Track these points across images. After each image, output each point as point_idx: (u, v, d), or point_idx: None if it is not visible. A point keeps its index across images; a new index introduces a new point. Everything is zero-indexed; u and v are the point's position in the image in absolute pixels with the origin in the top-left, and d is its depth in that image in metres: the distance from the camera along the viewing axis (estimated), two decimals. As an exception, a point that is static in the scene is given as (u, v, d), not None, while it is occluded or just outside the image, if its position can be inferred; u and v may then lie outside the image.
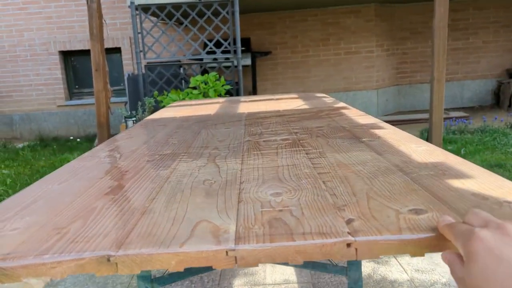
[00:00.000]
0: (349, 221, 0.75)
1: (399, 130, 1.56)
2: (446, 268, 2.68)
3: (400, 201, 0.83)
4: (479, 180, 0.93)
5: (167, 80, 5.94)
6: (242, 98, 3.32)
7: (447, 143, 5.88)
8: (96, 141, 3.97)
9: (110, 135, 3.97)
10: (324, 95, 3.11)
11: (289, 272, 2.80)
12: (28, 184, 4.58)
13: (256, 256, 0.68)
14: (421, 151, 1.22)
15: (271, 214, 0.80)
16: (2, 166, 5.33)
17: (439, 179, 0.95)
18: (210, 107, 2.81)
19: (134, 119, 5.63)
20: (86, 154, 1.48)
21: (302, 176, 1.04)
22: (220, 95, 5.49)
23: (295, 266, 2.76)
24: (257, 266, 0.69)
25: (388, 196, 0.86)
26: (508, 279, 0.49)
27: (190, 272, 1.70)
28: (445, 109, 7.85)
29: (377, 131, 1.56)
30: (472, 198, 0.82)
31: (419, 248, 0.68)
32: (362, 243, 0.68)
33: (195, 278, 2.79)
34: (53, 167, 5.23)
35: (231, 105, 2.83)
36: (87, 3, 3.64)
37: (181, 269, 0.68)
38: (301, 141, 1.47)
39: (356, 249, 0.68)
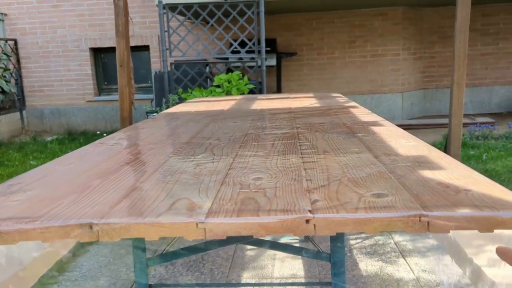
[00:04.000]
0: (314, 202, 0.81)
1: (397, 128, 1.61)
2: (453, 269, 2.68)
3: (368, 187, 0.89)
4: (449, 171, 0.97)
5: (192, 78, 6.08)
6: (259, 96, 3.40)
7: (470, 148, 5.79)
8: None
9: (132, 129, 4.13)
10: (339, 95, 3.16)
11: (298, 267, 2.86)
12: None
13: (223, 228, 0.75)
14: (408, 146, 1.27)
15: (246, 194, 0.88)
16: (31, 157, 5.58)
17: (413, 169, 1.01)
18: (225, 103, 2.90)
19: (155, 114, 5.78)
20: (97, 141, 1.59)
21: (287, 165, 1.11)
22: (243, 94, 5.59)
23: (274, 249, 2.82)
24: (225, 238, 0.76)
25: (358, 183, 0.92)
26: None
27: (183, 252, 1.78)
28: (471, 115, 7.72)
29: (375, 128, 1.61)
30: (435, 186, 0.87)
31: (372, 227, 0.74)
32: (319, 220, 0.75)
33: (206, 269, 2.88)
34: (80, 159, 5.43)
35: (246, 102, 2.91)
36: (114, 1, 3.80)
37: (156, 238, 0.76)
38: (299, 135, 1.53)
39: (314, 225, 0.75)
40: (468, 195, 0.82)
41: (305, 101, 2.81)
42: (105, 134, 7.16)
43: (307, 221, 0.75)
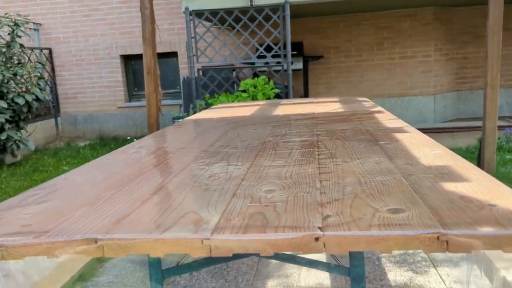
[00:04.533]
0: (326, 217, 0.78)
1: (422, 135, 1.54)
2: (484, 282, 2.57)
3: (384, 201, 0.84)
4: (474, 184, 0.92)
5: (219, 84, 6.10)
6: (283, 101, 3.36)
7: (506, 152, 5.57)
8: (146, 141, 4.17)
9: (159, 136, 4.17)
10: (365, 99, 3.09)
11: (323, 276, 2.80)
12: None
13: (229, 245, 0.72)
14: (432, 155, 1.21)
15: (256, 208, 0.85)
16: (64, 163, 5.72)
17: (434, 181, 0.95)
18: (249, 109, 2.88)
19: (181, 120, 5.83)
20: (118, 150, 1.60)
21: (302, 175, 1.07)
22: (268, 98, 5.56)
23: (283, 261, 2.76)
24: (231, 255, 0.73)
25: (375, 196, 0.88)
26: None
27: (197, 265, 1.76)
28: (508, 117, 7.44)
29: (398, 135, 1.55)
30: (457, 200, 0.82)
31: (386, 245, 0.70)
32: (330, 238, 0.71)
33: (230, 277, 2.86)
34: (110, 165, 5.53)
35: (269, 108, 2.88)
36: (141, 9, 3.85)
37: (161, 255, 0.74)
38: (318, 143, 1.49)
39: (324, 243, 0.71)
40: (492, 211, 0.76)
41: (330, 105, 2.75)
42: (135, 139, 7.29)
43: (317, 239, 0.71)
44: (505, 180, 4.39)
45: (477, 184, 0.92)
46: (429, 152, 1.26)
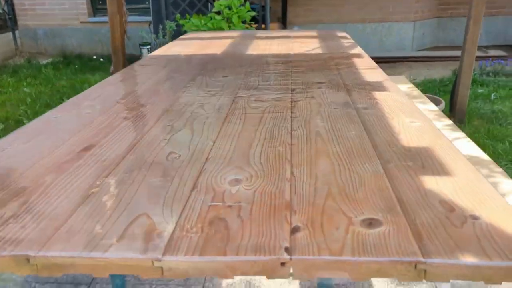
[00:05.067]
0: (294, 230, 0.69)
1: (401, 96, 1.44)
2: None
3: (359, 204, 0.76)
4: (455, 179, 0.84)
5: (191, 3, 5.70)
6: (258, 33, 3.16)
7: (479, 86, 5.57)
8: (112, 67, 3.94)
9: (125, 61, 3.92)
10: (344, 35, 2.92)
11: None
12: (47, 105, 4.65)
13: (184, 268, 0.64)
14: (412, 129, 1.12)
15: (218, 211, 0.75)
16: (25, 83, 5.40)
17: (414, 174, 0.87)
18: (220, 43, 2.68)
19: (148, 47, 5.51)
20: (72, 100, 1.45)
21: (272, 158, 0.97)
22: (244, 22, 5.26)
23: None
24: (185, 278, 0.65)
25: (349, 195, 0.79)
26: None
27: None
28: (484, 46, 7.36)
29: (377, 94, 1.45)
30: (438, 207, 0.75)
31: (358, 273, 0.63)
32: (298, 262, 0.63)
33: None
34: (73, 88, 5.26)
35: (243, 42, 2.69)
36: None
37: (106, 275, 0.65)
38: (292, 103, 1.38)
39: (291, 268, 0.63)
40: (475, 227, 0.69)
41: (307, 44, 2.59)
42: (101, 59, 6.90)
43: (283, 263, 0.63)
44: (475, 116, 4.42)
45: (459, 179, 0.84)
46: (409, 123, 1.17)
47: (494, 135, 3.85)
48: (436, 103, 3.79)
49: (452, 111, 4.08)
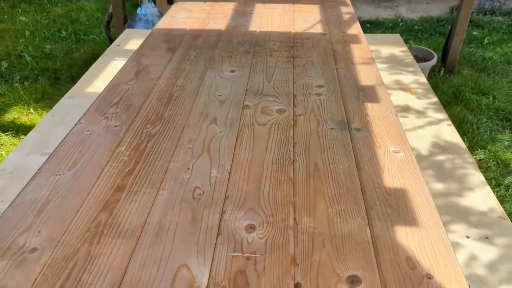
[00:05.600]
0: (296, 287, 0.95)
1: (390, 109, 1.64)
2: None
3: (347, 259, 1.02)
4: (421, 234, 1.09)
5: None
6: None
7: (474, 27, 5.61)
8: (110, 8, 3.91)
9: None
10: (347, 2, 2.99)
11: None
12: (45, 38, 4.67)
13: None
14: (395, 161, 1.35)
15: (239, 263, 1.00)
16: (19, 11, 5.32)
17: (391, 225, 1.11)
18: (223, 12, 2.76)
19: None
20: (94, 106, 1.63)
21: (278, 200, 1.20)
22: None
23: None
24: (219, 322, 0.92)
25: (339, 249, 1.04)
26: None
27: None
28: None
29: (369, 109, 1.64)
30: (403, 264, 1.00)
31: (341, 327, 0.90)
32: (299, 318, 0.90)
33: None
34: (70, 17, 5.23)
35: (244, 10, 2.77)
36: None
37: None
38: (294, 122, 1.57)
39: (294, 321, 0.90)
40: (428, 286, 0.96)
41: (308, 16, 2.68)
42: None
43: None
44: (466, 65, 4.57)
45: (424, 235, 1.09)
46: (393, 154, 1.39)
47: (480, 88, 4.04)
48: (430, 57, 3.94)
49: (443, 62, 4.24)
